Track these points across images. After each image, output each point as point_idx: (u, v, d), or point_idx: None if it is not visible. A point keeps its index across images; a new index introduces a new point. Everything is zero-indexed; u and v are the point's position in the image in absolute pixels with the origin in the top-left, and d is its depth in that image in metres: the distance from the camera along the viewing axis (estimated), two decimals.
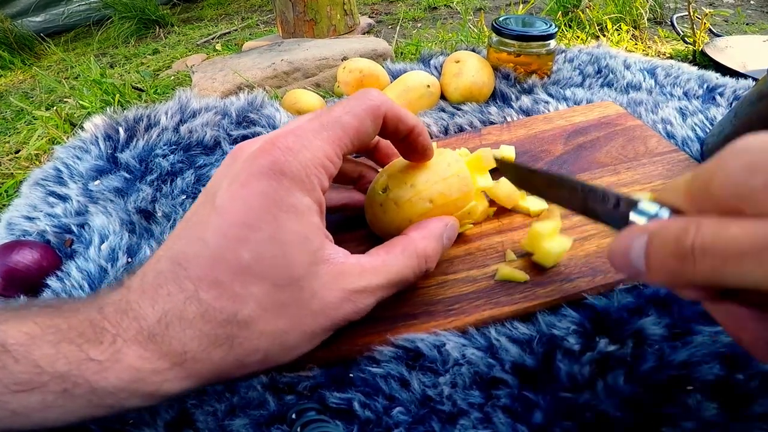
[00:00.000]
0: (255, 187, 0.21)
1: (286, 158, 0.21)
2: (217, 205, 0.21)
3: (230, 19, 1.93)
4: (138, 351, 0.19)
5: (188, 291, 0.20)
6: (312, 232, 0.21)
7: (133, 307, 0.20)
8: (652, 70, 0.58)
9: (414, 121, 0.26)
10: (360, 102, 0.24)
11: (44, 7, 1.99)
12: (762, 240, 0.14)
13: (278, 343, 0.21)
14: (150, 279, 0.20)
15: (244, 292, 0.20)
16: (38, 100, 1.23)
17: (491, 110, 0.51)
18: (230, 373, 0.21)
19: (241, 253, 0.20)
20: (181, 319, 0.20)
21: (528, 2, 1.33)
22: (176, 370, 0.20)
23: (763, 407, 0.23)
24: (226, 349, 0.20)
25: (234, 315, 0.20)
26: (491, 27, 0.55)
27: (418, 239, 0.25)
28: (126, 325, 0.19)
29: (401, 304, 0.29)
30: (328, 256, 0.22)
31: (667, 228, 0.17)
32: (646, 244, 0.17)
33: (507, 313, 0.28)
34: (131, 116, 0.49)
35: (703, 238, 0.15)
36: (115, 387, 0.19)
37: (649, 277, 0.17)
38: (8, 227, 0.40)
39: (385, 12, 1.75)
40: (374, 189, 0.30)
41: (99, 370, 0.18)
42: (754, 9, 1.37)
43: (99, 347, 0.19)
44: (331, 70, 0.82)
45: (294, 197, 0.21)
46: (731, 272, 0.15)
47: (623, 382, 0.24)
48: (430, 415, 0.24)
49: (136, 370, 0.19)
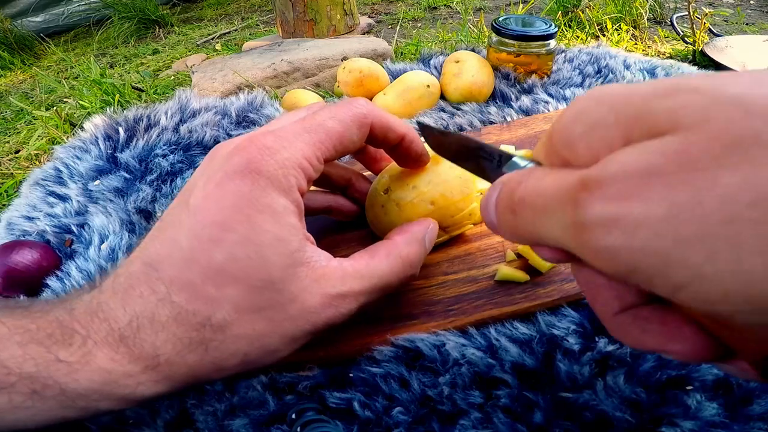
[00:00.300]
0: (229, 186, 0.20)
1: (263, 157, 0.20)
2: (190, 205, 0.20)
3: (230, 19, 1.93)
4: (109, 353, 0.19)
5: (160, 293, 0.19)
6: (289, 232, 0.21)
7: (103, 308, 0.19)
8: (651, 70, 0.58)
9: (404, 129, 0.26)
10: (346, 109, 0.23)
11: (44, 8, 1.99)
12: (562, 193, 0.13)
13: (258, 347, 0.20)
14: (122, 280, 0.20)
15: (219, 295, 0.19)
16: (38, 100, 1.23)
17: (491, 110, 0.51)
18: (208, 375, 0.20)
19: (214, 255, 0.19)
20: (153, 322, 0.19)
21: (528, 2, 1.33)
22: (150, 374, 0.19)
23: (763, 407, 0.23)
24: (200, 352, 0.19)
25: (208, 318, 0.19)
26: (491, 27, 0.55)
27: (402, 244, 0.25)
28: (96, 327, 0.19)
29: (401, 305, 0.29)
30: (308, 259, 0.21)
31: (509, 180, 0.16)
32: (495, 196, 0.17)
33: (507, 313, 0.28)
34: (131, 116, 0.49)
35: (524, 191, 0.15)
36: (86, 389, 0.18)
37: (499, 232, 0.17)
38: (8, 227, 0.40)
39: (385, 12, 1.75)
40: (376, 190, 0.30)
41: (69, 372, 0.18)
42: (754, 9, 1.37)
43: (68, 349, 0.18)
44: (331, 70, 0.82)
45: (269, 197, 0.20)
46: (541, 226, 0.14)
47: (623, 382, 0.24)
48: (430, 415, 0.24)
49: (107, 373, 0.19)
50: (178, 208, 0.21)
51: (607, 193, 0.12)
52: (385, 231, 0.30)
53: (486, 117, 0.50)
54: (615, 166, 0.12)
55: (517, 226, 0.15)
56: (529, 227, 0.15)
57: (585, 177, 0.12)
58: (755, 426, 0.22)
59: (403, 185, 0.29)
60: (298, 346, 0.21)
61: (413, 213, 0.29)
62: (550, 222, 0.14)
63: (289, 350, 0.21)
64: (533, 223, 0.14)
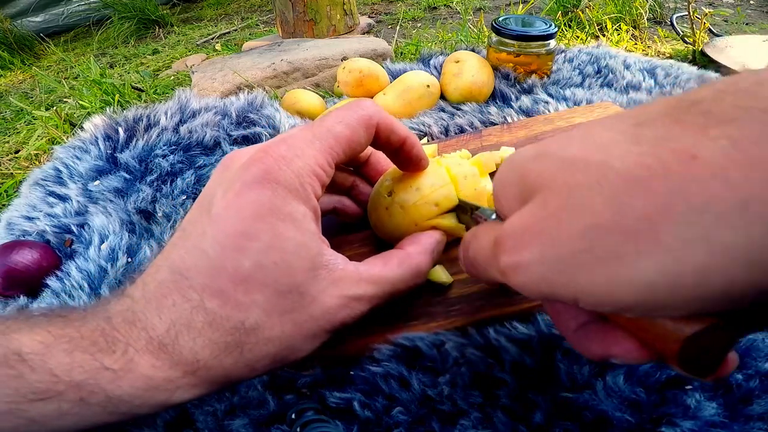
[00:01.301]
0: (250, 196, 0.21)
1: (279, 167, 0.21)
2: (212, 215, 0.21)
3: (230, 19, 1.93)
4: (150, 360, 0.19)
5: (193, 300, 0.20)
6: (310, 238, 0.22)
7: (139, 317, 0.20)
8: (651, 70, 0.58)
9: (406, 132, 0.27)
10: (352, 112, 0.24)
11: (44, 8, 1.98)
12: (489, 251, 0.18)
13: (285, 347, 0.21)
14: (152, 288, 0.21)
15: (248, 300, 0.20)
16: (38, 100, 1.23)
17: (491, 110, 0.51)
18: (241, 376, 0.21)
19: (242, 262, 0.20)
20: (190, 328, 0.20)
21: (528, 2, 1.33)
22: (189, 378, 0.20)
23: (763, 407, 0.23)
24: (236, 355, 0.20)
25: (241, 322, 0.20)
26: (491, 27, 0.55)
27: (414, 254, 0.26)
28: (136, 336, 0.20)
29: (402, 305, 0.29)
30: (326, 262, 0.22)
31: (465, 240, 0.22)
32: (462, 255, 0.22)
33: (507, 313, 0.28)
34: (131, 116, 0.49)
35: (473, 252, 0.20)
36: (129, 395, 0.19)
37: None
38: (8, 227, 0.40)
39: (385, 12, 1.75)
40: (379, 192, 0.30)
41: (113, 379, 0.19)
42: (754, 9, 1.37)
43: (112, 356, 0.19)
44: (331, 70, 0.82)
45: (290, 205, 0.21)
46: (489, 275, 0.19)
47: (623, 381, 0.24)
48: (430, 415, 0.24)
49: (149, 379, 0.19)
50: (199, 218, 0.22)
51: (507, 247, 0.17)
52: (389, 233, 0.30)
53: (486, 117, 0.50)
54: (508, 227, 0.17)
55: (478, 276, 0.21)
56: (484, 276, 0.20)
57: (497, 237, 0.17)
58: (755, 426, 0.22)
59: (406, 187, 0.29)
60: (318, 344, 0.22)
61: (418, 215, 0.29)
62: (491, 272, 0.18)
63: (310, 349, 0.22)
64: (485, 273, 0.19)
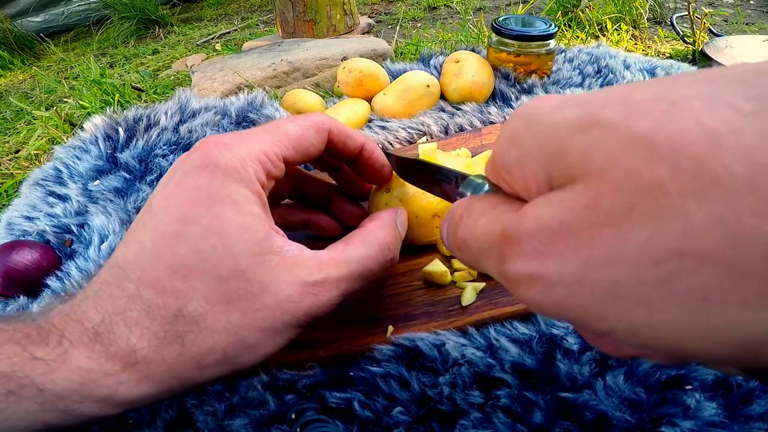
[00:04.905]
0: (188, 182, 0.20)
1: (220, 152, 0.21)
2: (152, 207, 0.21)
3: (230, 19, 1.93)
4: (85, 351, 0.19)
5: (129, 290, 0.20)
6: (253, 221, 0.21)
7: (75, 311, 0.20)
8: (651, 69, 0.58)
9: (363, 139, 0.27)
10: (305, 117, 0.25)
11: (44, 7, 1.98)
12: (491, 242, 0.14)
13: (236, 341, 0.20)
14: (93, 286, 0.20)
15: (187, 287, 0.19)
16: (38, 100, 1.23)
17: (491, 110, 0.51)
18: (192, 376, 0.20)
19: (178, 249, 0.20)
20: (126, 318, 0.19)
21: (528, 2, 1.33)
22: (129, 373, 0.19)
23: (763, 407, 0.23)
24: (178, 347, 0.19)
25: (179, 310, 0.19)
26: (491, 27, 0.55)
27: (375, 229, 0.25)
28: (71, 328, 0.19)
29: (402, 305, 0.29)
30: (278, 248, 0.21)
31: (454, 213, 0.17)
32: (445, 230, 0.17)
33: (507, 313, 0.28)
34: (131, 116, 0.49)
35: (463, 231, 0.16)
36: (64, 389, 0.18)
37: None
38: (8, 227, 0.40)
39: (385, 12, 1.75)
40: (378, 191, 0.31)
41: (46, 371, 0.18)
42: (754, 9, 1.37)
43: (45, 348, 0.18)
44: (331, 70, 0.82)
45: (229, 188, 0.20)
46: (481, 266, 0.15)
47: (623, 381, 0.24)
48: (430, 415, 0.24)
49: (85, 372, 0.19)
50: (142, 213, 0.22)
51: (525, 250, 0.12)
52: None
53: (486, 117, 0.50)
54: (531, 222, 0.12)
55: (465, 261, 0.17)
56: (473, 264, 0.16)
57: (507, 230, 0.13)
58: (755, 426, 0.22)
59: (403, 183, 0.29)
60: (282, 341, 0.21)
61: (418, 206, 0.29)
62: (486, 264, 0.14)
63: (273, 345, 0.21)
64: (475, 261, 0.15)
